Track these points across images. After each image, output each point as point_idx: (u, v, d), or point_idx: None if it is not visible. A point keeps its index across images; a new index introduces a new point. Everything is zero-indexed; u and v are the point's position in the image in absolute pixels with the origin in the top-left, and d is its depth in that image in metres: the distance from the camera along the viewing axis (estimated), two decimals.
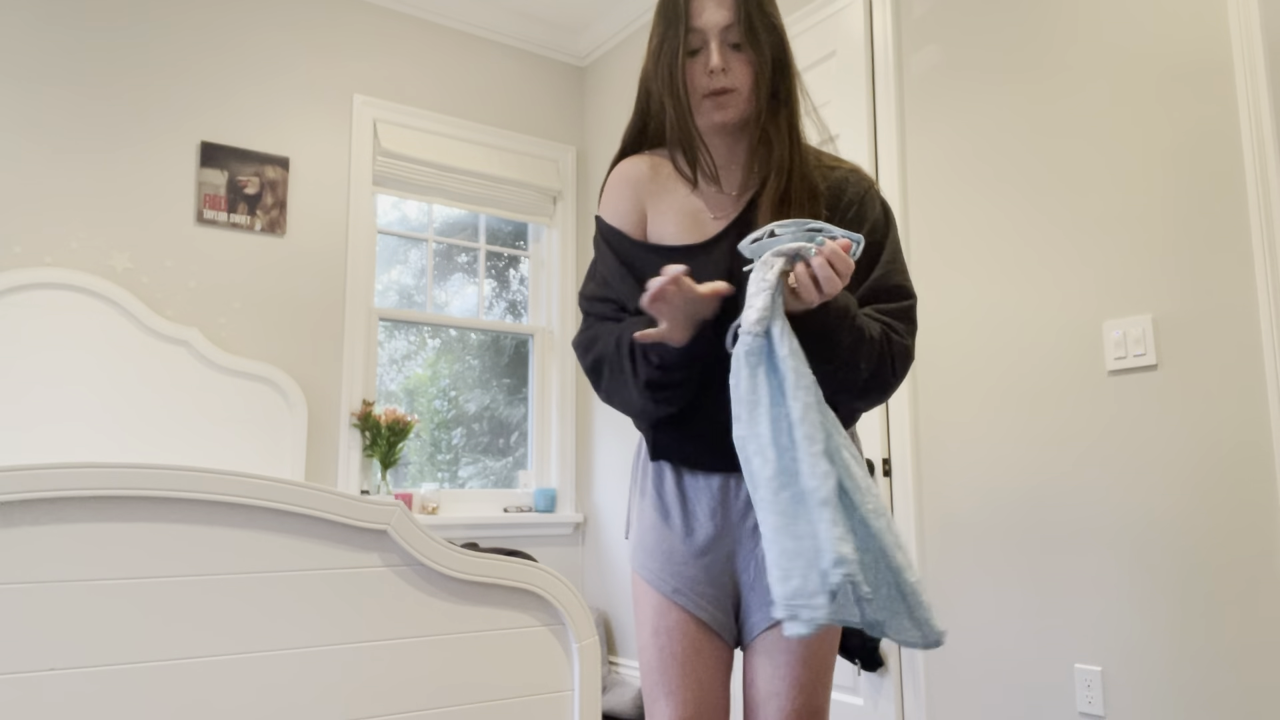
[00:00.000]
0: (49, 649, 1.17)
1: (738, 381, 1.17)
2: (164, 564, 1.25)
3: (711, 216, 1.42)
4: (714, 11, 1.36)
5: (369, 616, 1.38)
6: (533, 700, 1.50)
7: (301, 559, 1.34)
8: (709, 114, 1.39)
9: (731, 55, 1.37)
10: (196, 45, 3.51)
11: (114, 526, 1.22)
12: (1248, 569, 2.00)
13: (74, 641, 1.19)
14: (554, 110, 4.39)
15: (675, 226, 1.42)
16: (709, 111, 1.39)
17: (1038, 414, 2.41)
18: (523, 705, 1.49)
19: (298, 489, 1.33)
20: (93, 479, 1.21)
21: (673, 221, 1.43)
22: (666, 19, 1.39)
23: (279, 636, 1.31)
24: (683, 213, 1.43)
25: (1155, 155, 2.22)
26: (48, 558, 1.19)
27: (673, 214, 1.43)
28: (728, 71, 1.37)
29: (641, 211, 1.45)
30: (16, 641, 1.16)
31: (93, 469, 1.21)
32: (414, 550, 1.41)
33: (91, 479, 1.20)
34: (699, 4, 1.37)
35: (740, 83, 1.37)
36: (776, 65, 1.40)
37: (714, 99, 1.38)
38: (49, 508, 1.19)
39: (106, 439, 3.10)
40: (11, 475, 1.16)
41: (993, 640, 2.46)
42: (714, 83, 1.36)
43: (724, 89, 1.37)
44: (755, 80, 1.38)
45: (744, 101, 1.39)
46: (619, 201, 1.47)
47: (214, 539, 1.28)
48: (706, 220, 1.42)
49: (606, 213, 1.48)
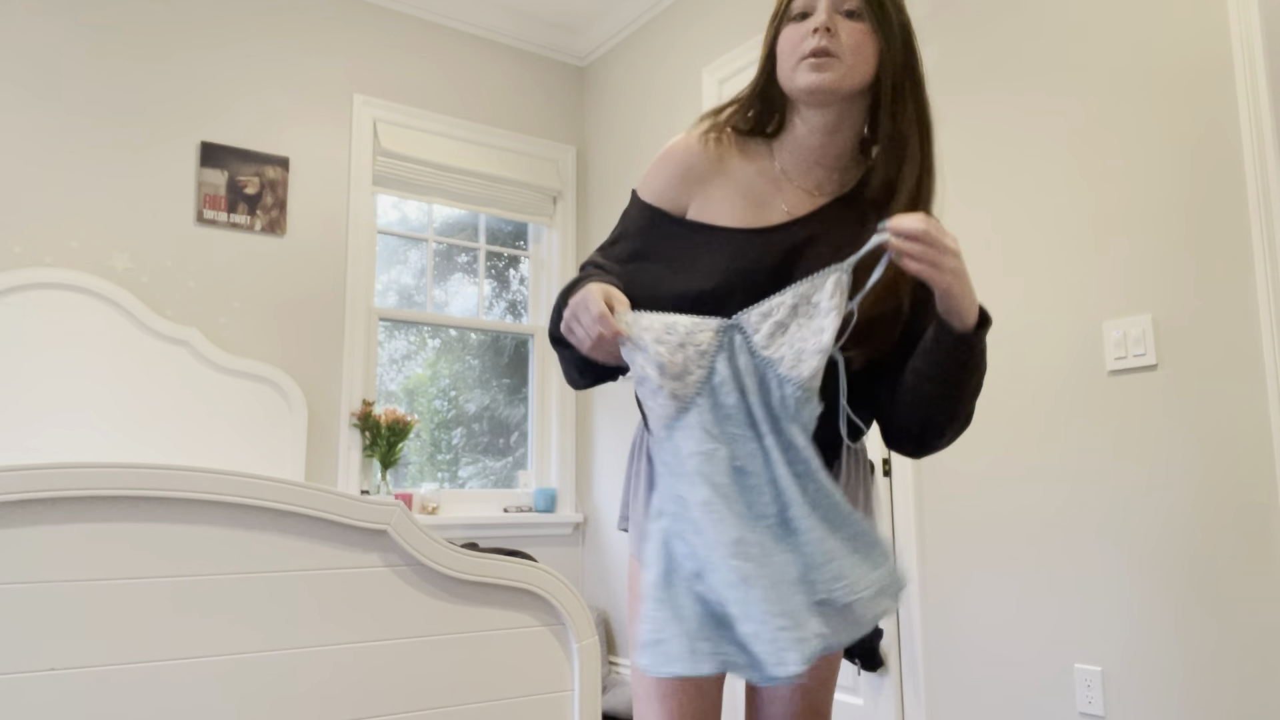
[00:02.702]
0: (49, 649, 1.17)
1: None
2: (164, 564, 1.25)
3: (782, 205, 1.28)
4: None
5: (369, 616, 1.38)
6: (533, 700, 1.50)
7: (301, 559, 1.34)
8: (801, 76, 1.22)
9: (842, 22, 1.21)
10: (197, 45, 3.51)
11: (114, 526, 1.22)
12: (1248, 569, 2.00)
13: (74, 641, 1.19)
14: (554, 110, 4.39)
15: (733, 206, 1.28)
16: (802, 74, 1.21)
17: (1038, 414, 2.41)
18: (523, 705, 1.49)
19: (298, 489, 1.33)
20: (93, 479, 1.21)
21: (731, 200, 1.29)
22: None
23: (279, 636, 1.31)
24: (746, 194, 1.29)
25: (1155, 155, 2.22)
26: (48, 558, 1.18)
27: (734, 194, 1.29)
28: (835, 34, 1.20)
29: (682, 196, 1.32)
30: (16, 641, 1.16)
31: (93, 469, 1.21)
32: (414, 550, 1.41)
33: (91, 479, 1.20)
34: None
35: (849, 53, 1.21)
36: (906, 50, 1.23)
37: (811, 60, 1.20)
38: (49, 508, 1.19)
39: (106, 439, 3.10)
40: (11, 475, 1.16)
41: (993, 640, 2.46)
42: (815, 41, 1.20)
43: (826, 50, 1.20)
44: (876, 58, 1.22)
45: (847, 73, 1.21)
46: (662, 179, 1.33)
47: (214, 539, 1.28)
48: (773, 207, 1.28)
49: (650, 188, 1.34)
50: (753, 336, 1.13)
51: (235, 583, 1.29)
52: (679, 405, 1.11)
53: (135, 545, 1.24)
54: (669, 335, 1.13)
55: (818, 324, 1.11)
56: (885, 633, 2.71)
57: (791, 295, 1.13)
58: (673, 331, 1.13)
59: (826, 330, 1.10)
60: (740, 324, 1.15)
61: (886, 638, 2.71)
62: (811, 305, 1.12)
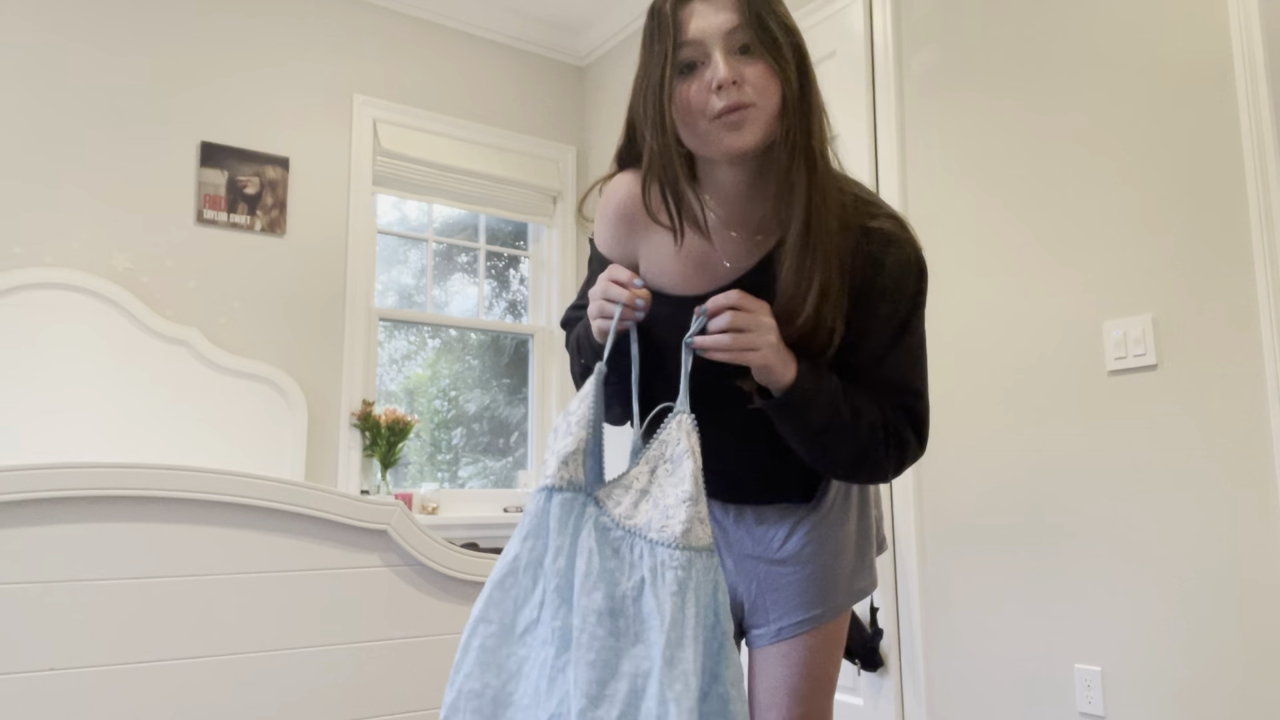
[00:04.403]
0: (49, 649, 1.17)
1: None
2: (164, 564, 1.25)
3: (725, 261, 1.18)
4: (711, 15, 1.08)
5: (369, 616, 1.38)
6: None
7: (301, 559, 1.34)
8: (720, 140, 1.09)
9: (743, 63, 1.08)
10: (197, 45, 3.51)
11: (114, 526, 1.22)
12: (1248, 569, 2.00)
13: (74, 641, 1.19)
14: (554, 110, 4.39)
15: (679, 271, 1.19)
16: (720, 137, 1.09)
17: (1038, 414, 2.41)
18: None
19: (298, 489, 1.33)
20: (93, 479, 1.21)
21: (676, 264, 1.20)
22: (651, 34, 1.12)
23: (279, 636, 1.31)
24: (687, 255, 1.19)
25: (1155, 155, 2.22)
26: (48, 558, 1.18)
27: (674, 255, 1.19)
28: (740, 84, 1.07)
29: (630, 248, 1.24)
30: (16, 641, 1.16)
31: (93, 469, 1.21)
32: (414, 550, 1.41)
33: (91, 479, 1.20)
34: (689, 9, 1.09)
35: (759, 96, 1.08)
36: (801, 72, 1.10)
37: (725, 120, 1.08)
38: (49, 508, 1.19)
39: (106, 439, 3.10)
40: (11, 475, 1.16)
41: (993, 640, 2.46)
42: (725, 98, 1.07)
43: (739, 105, 1.07)
44: (780, 91, 1.09)
45: (766, 119, 1.09)
46: (606, 232, 1.27)
47: (214, 539, 1.28)
48: (717, 265, 1.18)
49: (599, 239, 1.28)
50: (613, 510, 1.06)
51: (235, 582, 1.29)
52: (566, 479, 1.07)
53: (135, 545, 1.24)
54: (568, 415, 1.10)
55: (678, 476, 1.05)
56: (885, 632, 2.71)
57: (646, 462, 1.08)
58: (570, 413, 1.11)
59: (686, 478, 1.04)
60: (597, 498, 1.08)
61: (886, 638, 2.71)
62: (669, 462, 1.07)
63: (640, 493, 1.06)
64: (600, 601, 0.99)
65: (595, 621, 0.98)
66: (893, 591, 2.71)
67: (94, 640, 1.20)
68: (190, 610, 1.26)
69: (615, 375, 1.21)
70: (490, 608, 1.06)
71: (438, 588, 1.44)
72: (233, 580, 1.29)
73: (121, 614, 1.22)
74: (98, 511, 1.22)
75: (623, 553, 1.02)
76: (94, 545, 1.21)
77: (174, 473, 1.26)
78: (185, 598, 1.26)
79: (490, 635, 1.06)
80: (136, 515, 1.24)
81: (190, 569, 1.27)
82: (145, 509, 1.25)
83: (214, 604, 1.27)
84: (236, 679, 1.28)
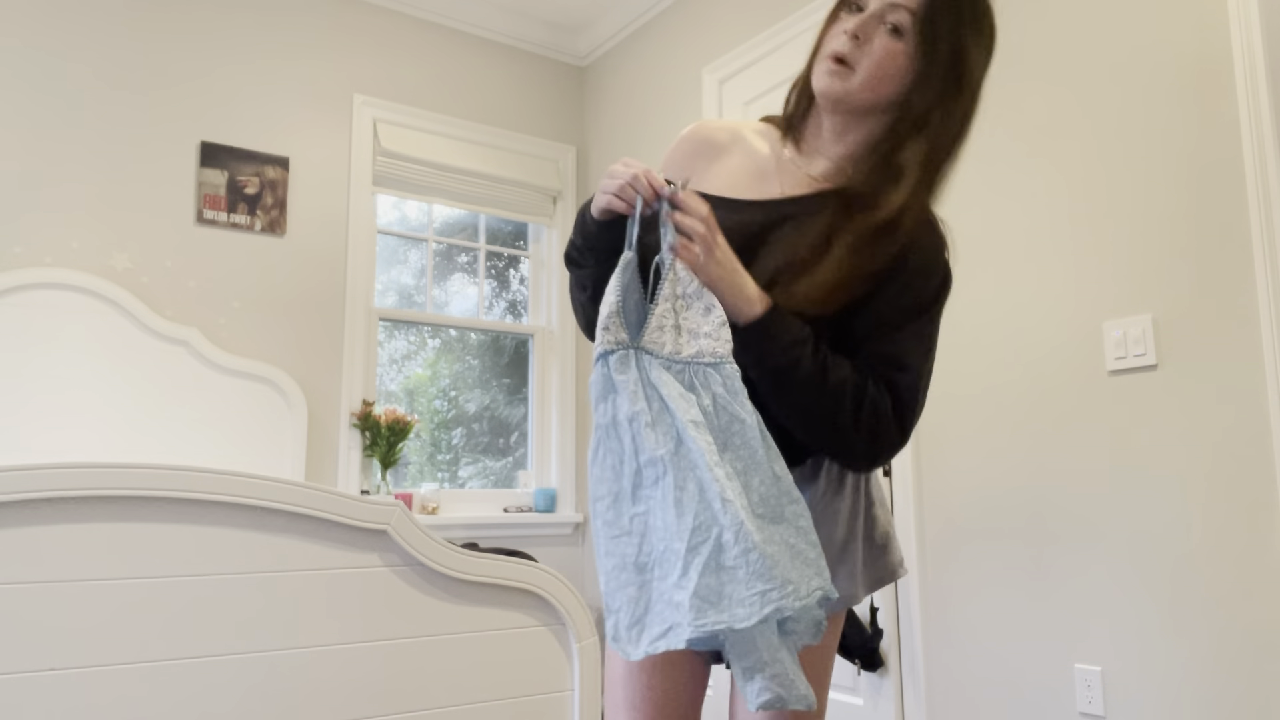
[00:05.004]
0: (49, 649, 1.17)
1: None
2: (164, 564, 1.25)
3: (779, 185, 1.25)
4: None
5: (369, 616, 1.38)
6: (533, 700, 1.50)
7: (301, 559, 1.34)
8: (818, 77, 1.21)
9: (883, 35, 1.17)
10: (197, 45, 3.51)
11: (114, 526, 1.22)
12: (1248, 569, 2.00)
13: (74, 641, 1.19)
14: (554, 110, 4.39)
15: (732, 179, 1.27)
16: (819, 75, 1.20)
17: (1038, 414, 2.41)
18: (523, 705, 1.49)
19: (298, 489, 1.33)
20: (93, 479, 1.21)
21: (733, 175, 1.27)
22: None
23: (279, 636, 1.31)
24: (750, 170, 1.27)
25: (1155, 155, 2.22)
26: (48, 558, 1.18)
27: (738, 170, 1.27)
28: (861, 45, 1.17)
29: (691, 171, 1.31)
30: (16, 641, 1.16)
31: (93, 469, 1.21)
32: (414, 550, 1.41)
33: (91, 479, 1.20)
34: None
35: (870, 66, 1.17)
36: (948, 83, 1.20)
37: (828, 64, 1.18)
38: (49, 508, 1.19)
39: (106, 439, 3.10)
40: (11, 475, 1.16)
41: (993, 640, 2.46)
42: (840, 45, 1.18)
43: (844, 58, 1.17)
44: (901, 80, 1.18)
45: (858, 88, 1.19)
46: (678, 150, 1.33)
47: (214, 539, 1.28)
48: (770, 184, 1.25)
49: (668, 155, 1.36)
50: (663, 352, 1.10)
51: (235, 583, 1.29)
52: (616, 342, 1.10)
53: (136, 545, 1.24)
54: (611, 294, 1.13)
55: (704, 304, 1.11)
56: (885, 632, 2.71)
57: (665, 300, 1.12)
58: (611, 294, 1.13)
59: (714, 305, 1.10)
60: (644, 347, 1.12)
61: (886, 638, 2.71)
62: (685, 297, 1.12)
63: (675, 329, 1.12)
64: (696, 414, 1.06)
65: (696, 431, 1.04)
66: (893, 591, 2.71)
67: (94, 640, 1.20)
68: (190, 610, 1.26)
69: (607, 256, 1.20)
70: (598, 484, 1.10)
71: (438, 588, 1.44)
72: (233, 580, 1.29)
73: (122, 614, 1.22)
74: (98, 511, 1.22)
75: (687, 379, 1.09)
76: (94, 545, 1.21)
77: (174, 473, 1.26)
78: (185, 598, 1.26)
79: (607, 509, 1.10)
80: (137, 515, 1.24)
81: (190, 569, 1.27)
82: (145, 509, 1.25)
83: (214, 604, 1.28)
84: (237, 679, 1.28)
